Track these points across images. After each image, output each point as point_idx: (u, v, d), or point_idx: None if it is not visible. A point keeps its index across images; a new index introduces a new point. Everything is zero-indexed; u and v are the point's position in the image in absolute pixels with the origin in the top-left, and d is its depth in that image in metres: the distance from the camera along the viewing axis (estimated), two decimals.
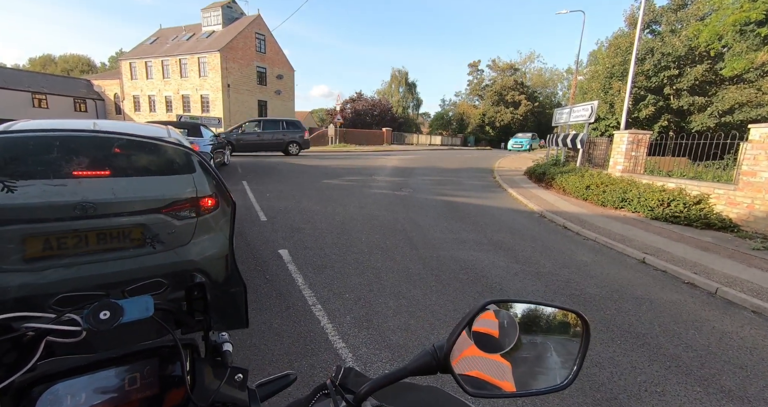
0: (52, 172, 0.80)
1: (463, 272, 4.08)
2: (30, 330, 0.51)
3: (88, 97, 36.15)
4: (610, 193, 8.01)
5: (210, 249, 2.00)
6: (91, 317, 0.51)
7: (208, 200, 2.27)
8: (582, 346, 0.55)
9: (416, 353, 0.52)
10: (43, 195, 0.97)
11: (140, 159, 2.08)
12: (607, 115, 21.77)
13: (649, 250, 5.13)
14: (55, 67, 58.70)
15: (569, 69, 46.63)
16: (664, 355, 2.70)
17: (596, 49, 29.46)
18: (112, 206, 1.91)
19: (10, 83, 31.38)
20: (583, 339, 0.55)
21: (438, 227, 5.90)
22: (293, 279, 3.63)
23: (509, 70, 45.22)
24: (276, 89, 35.17)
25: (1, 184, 0.66)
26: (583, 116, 11.32)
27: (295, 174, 10.86)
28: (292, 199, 7.30)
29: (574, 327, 0.60)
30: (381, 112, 38.88)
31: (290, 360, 2.39)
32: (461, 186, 10.71)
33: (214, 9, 32.84)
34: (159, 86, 33.19)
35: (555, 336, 0.60)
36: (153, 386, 0.54)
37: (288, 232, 5.11)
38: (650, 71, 20.28)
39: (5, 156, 0.67)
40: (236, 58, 30.82)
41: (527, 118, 42.46)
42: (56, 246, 1.63)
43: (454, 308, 3.24)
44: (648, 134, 9.20)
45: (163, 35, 35.96)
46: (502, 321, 0.54)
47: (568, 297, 3.65)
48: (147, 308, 0.55)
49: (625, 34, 22.06)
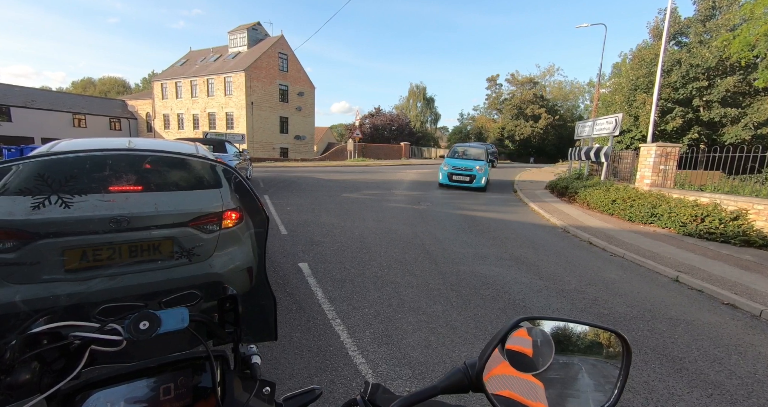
0: (91, 188, 0.85)
1: (484, 288, 3.98)
2: (77, 339, 0.53)
3: (123, 116, 38.43)
4: (638, 207, 7.71)
5: (233, 262, 2.04)
6: (131, 327, 0.53)
7: (232, 214, 2.34)
8: (623, 370, 0.52)
9: (447, 371, 0.51)
10: (82, 209, 1.03)
11: (171, 174, 2.18)
12: (631, 127, 21.22)
13: (683, 268, 4.86)
14: (94, 89, 62.96)
15: (591, 82, 46.03)
16: (704, 382, 2.52)
17: (619, 61, 29.05)
18: (144, 220, 2.00)
19: (55, 105, 33.91)
20: (624, 362, 0.52)
21: (458, 241, 5.82)
22: (313, 293, 3.64)
23: (528, 84, 45.05)
24: (297, 106, 36.30)
25: (60, 200, 0.71)
26: (607, 129, 11.06)
27: (314, 188, 11.04)
28: (312, 212, 7.40)
29: (608, 347, 0.57)
30: (399, 126, 39.32)
31: (310, 375, 2.37)
32: (481, 200, 10.58)
33: (240, 31, 34.62)
34: (187, 105, 34.93)
35: (586, 357, 0.58)
36: (185, 396, 0.55)
37: (308, 246, 5.16)
38: (677, 83, 19.75)
39: (61, 175, 0.72)
40: (260, 77, 32.14)
41: (548, 131, 41.92)
42: (92, 258, 1.71)
43: (476, 325, 3.15)
44: (677, 147, 8.86)
45: (192, 57, 38.08)
46: (536, 339, 0.53)
47: (596, 316, 3.49)
48: (183, 319, 0.56)
49: (649, 46, 21.70)
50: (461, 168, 11.79)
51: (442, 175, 12.08)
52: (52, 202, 0.71)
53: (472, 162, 12.14)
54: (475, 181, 11.55)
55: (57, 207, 0.71)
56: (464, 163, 12.05)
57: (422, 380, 2.39)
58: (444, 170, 12.06)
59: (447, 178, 11.92)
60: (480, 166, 11.65)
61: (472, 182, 11.59)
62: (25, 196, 0.71)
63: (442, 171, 12.10)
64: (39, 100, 33.41)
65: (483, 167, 11.66)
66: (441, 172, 12.15)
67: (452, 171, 11.82)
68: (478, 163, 11.92)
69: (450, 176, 11.87)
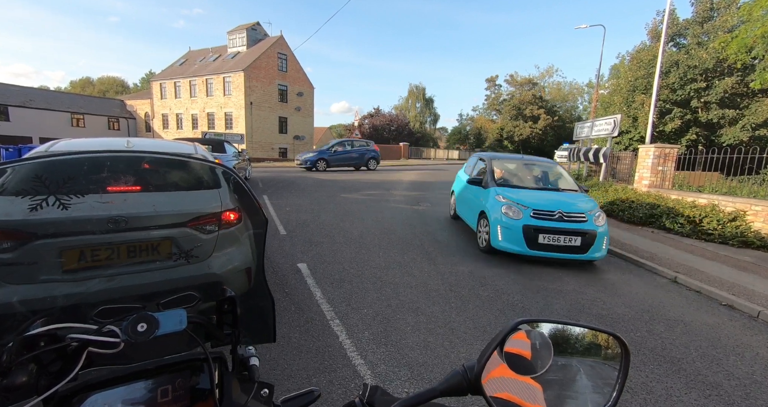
0: (89, 189, 0.84)
1: (483, 289, 3.98)
2: (74, 341, 0.53)
3: (121, 116, 38.35)
4: (636, 208, 7.73)
5: (231, 263, 2.04)
6: (129, 329, 0.52)
7: (230, 214, 2.34)
8: (621, 371, 0.52)
9: (446, 372, 0.51)
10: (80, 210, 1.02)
11: (170, 175, 2.18)
12: (630, 128, 21.28)
13: (681, 269, 4.88)
14: (93, 89, 62.81)
15: (590, 83, 46.13)
16: (702, 383, 2.52)
17: (618, 62, 29.13)
18: (143, 220, 1.99)
19: (53, 105, 33.82)
20: (623, 364, 0.52)
21: (456, 242, 5.82)
22: (312, 294, 3.63)
23: (527, 85, 45.15)
24: (296, 106, 36.28)
25: (58, 202, 0.70)
26: (605, 130, 11.09)
27: (313, 188, 11.04)
28: (311, 212, 7.39)
29: (606, 349, 0.57)
30: (398, 127, 39.34)
31: (308, 376, 2.37)
32: None
33: (239, 31, 34.59)
34: (186, 105, 34.87)
35: (584, 359, 0.58)
36: (183, 398, 0.54)
37: (306, 246, 5.16)
38: (675, 84, 19.82)
39: (59, 176, 0.72)
40: (259, 77, 32.12)
41: (546, 132, 41.99)
42: (91, 258, 1.70)
43: (474, 326, 3.16)
44: (675, 148, 8.90)
45: (191, 57, 38.03)
46: (534, 342, 0.53)
47: (595, 317, 3.49)
48: (181, 321, 0.56)
49: (647, 48, 21.77)
50: (551, 214, 4.91)
51: (497, 223, 5.02)
52: (50, 203, 0.70)
53: (566, 198, 5.39)
54: (593, 249, 4.81)
55: (54, 208, 0.71)
56: (550, 200, 5.23)
57: (421, 381, 2.39)
58: (495, 211, 5.10)
59: (513, 230, 4.87)
60: (592, 208, 5.15)
61: (585, 250, 4.80)
62: (23, 196, 0.71)
63: (493, 214, 5.11)
64: (37, 99, 33.31)
65: (596, 210, 5.13)
66: (492, 216, 5.11)
67: (531, 220, 4.87)
68: (581, 200, 5.33)
69: (515, 229, 4.86)
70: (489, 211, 5.18)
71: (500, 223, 4.92)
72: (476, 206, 5.76)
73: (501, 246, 4.90)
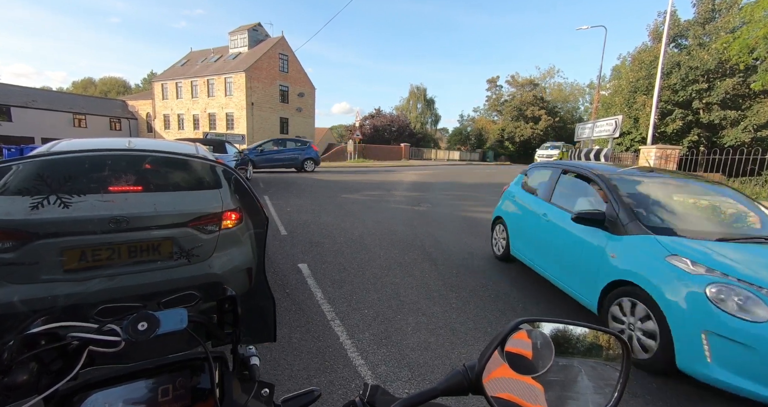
0: (90, 189, 0.85)
1: (483, 289, 3.98)
2: (75, 340, 0.53)
3: (123, 117, 38.45)
4: None
5: (232, 263, 2.04)
6: (130, 328, 0.52)
7: (231, 214, 2.34)
8: (622, 372, 0.52)
9: (446, 372, 0.51)
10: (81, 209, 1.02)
11: (171, 175, 2.18)
12: (631, 129, 21.26)
13: None
14: (95, 89, 63.01)
15: (591, 84, 46.08)
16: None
17: (619, 63, 29.09)
18: (143, 220, 2.00)
19: (55, 105, 33.93)
20: (624, 365, 0.52)
21: (458, 243, 5.82)
22: (312, 294, 3.63)
23: (528, 86, 45.12)
24: (297, 107, 36.33)
25: (59, 200, 0.71)
26: (607, 131, 11.09)
27: (314, 188, 11.05)
28: (312, 213, 7.39)
29: (608, 350, 0.57)
30: (399, 127, 39.34)
31: (309, 376, 2.37)
32: (482, 201, 10.58)
33: (240, 32, 34.67)
34: (188, 105, 34.94)
35: (585, 359, 0.58)
36: (184, 398, 0.54)
37: (307, 246, 5.16)
38: (677, 85, 19.80)
39: (60, 175, 0.72)
40: (260, 78, 32.17)
41: (548, 132, 41.93)
42: (92, 258, 1.71)
43: (475, 326, 3.15)
44: (677, 149, 8.89)
45: (193, 57, 38.12)
46: (536, 341, 0.53)
47: (599, 321, 3.48)
48: (181, 320, 0.56)
49: (649, 49, 21.76)
50: None
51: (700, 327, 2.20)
52: (51, 202, 0.71)
53: None
54: None
55: (56, 207, 0.71)
56: None
57: (422, 381, 2.38)
58: (685, 296, 2.31)
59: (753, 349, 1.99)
60: None
61: None
62: (24, 195, 0.71)
63: (681, 301, 2.32)
64: (39, 99, 33.41)
65: None
66: (678, 307, 2.33)
67: None
68: None
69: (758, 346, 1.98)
70: (660, 292, 2.46)
71: (711, 329, 2.18)
72: (595, 266, 3.10)
73: (717, 379, 2.14)
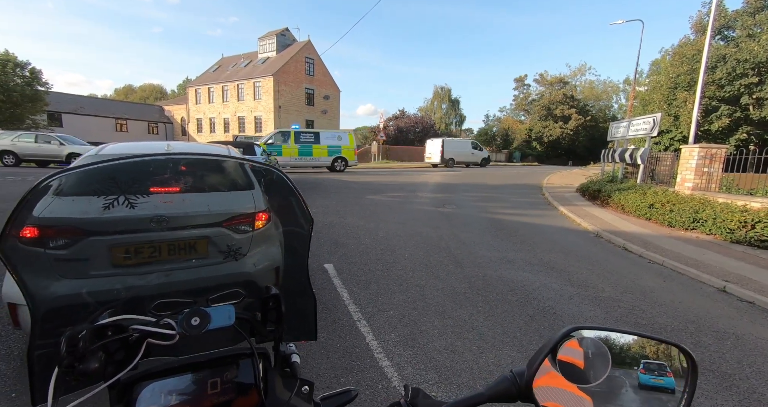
0: (137, 190, 0.90)
1: (512, 293, 3.87)
2: (136, 332, 0.56)
3: (160, 121, 40.64)
4: (679, 212, 7.26)
5: (263, 262, 2.09)
6: (184, 323, 0.55)
7: (263, 215, 2.41)
8: (687, 388, 0.48)
9: (494, 378, 0.49)
10: (128, 210, 1.09)
11: (208, 176, 2.28)
12: (670, 127, 20.06)
13: (731, 277, 4.52)
14: (135, 96, 66.88)
15: (627, 80, 43.98)
16: (759, 401, 2.32)
17: (658, 57, 27.57)
18: (181, 219, 2.09)
19: (99, 111, 36.51)
20: (689, 380, 0.49)
21: (483, 245, 5.70)
22: (339, 294, 3.67)
23: (558, 84, 43.64)
24: (323, 109, 36.96)
25: (127, 201, 0.76)
26: (644, 129, 10.52)
27: (339, 190, 11.17)
28: (337, 214, 7.48)
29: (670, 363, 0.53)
30: (423, 128, 39.13)
31: (336, 376, 2.39)
32: (508, 203, 10.33)
33: (269, 37, 35.72)
34: (219, 109, 36.38)
35: (630, 371, 0.54)
36: (230, 391, 0.56)
37: (333, 247, 5.22)
38: (723, 80, 18.50)
39: (126, 177, 0.78)
40: (287, 81, 32.99)
41: (578, 132, 40.38)
42: (134, 255, 1.81)
43: (503, 331, 3.07)
44: (723, 148, 8.29)
45: (224, 63, 39.66)
46: (587, 350, 0.50)
47: (634, 326, 3.30)
48: (229, 316, 0.58)
49: (691, 42, 20.46)
50: None
51: None
52: (120, 203, 0.76)
53: None
54: None
55: (123, 207, 0.76)
56: None
57: (449, 385, 2.35)
58: None
59: None
60: None
61: None
62: (99, 196, 0.76)
63: None
64: (86, 106, 35.96)
65: None
66: None
67: None
68: None
69: None
70: None
71: None
72: None
73: None
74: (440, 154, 24.73)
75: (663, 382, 0.52)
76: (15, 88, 22.57)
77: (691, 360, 0.49)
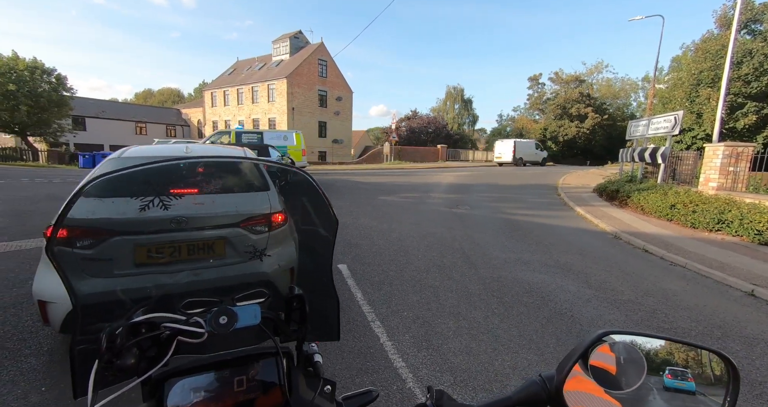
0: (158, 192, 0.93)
1: (527, 295, 3.81)
2: (167, 330, 0.58)
3: (177, 124, 41.73)
4: (702, 213, 7.01)
5: (278, 262, 2.12)
6: (213, 321, 0.57)
7: (278, 215, 2.44)
8: (728, 397, 0.46)
9: (522, 382, 0.48)
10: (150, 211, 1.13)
11: (225, 178, 2.32)
12: (693, 125, 19.40)
13: (760, 281, 4.34)
14: (153, 99, 68.76)
15: (646, 77, 42.76)
16: None
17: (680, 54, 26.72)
18: (199, 220, 2.14)
19: (120, 115, 37.76)
20: (730, 389, 0.47)
21: (498, 246, 5.63)
22: (353, 295, 3.68)
23: (574, 82, 42.72)
24: (335, 110, 37.20)
25: (161, 203, 0.78)
26: (665, 128, 10.20)
27: (352, 191, 11.22)
28: (350, 215, 7.51)
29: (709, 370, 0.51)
30: (436, 129, 38.94)
31: (351, 376, 2.39)
32: (522, 203, 10.18)
33: (282, 40, 36.20)
34: (234, 112, 37.06)
35: (656, 376, 0.52)
36: (256, 389, 0.57)
37: (346, 247, 5.24)
38: (749, 76, 17.79)
39: (160, 179, 0.81)
40: (301, 84, 33.35)
41: (595, 131, 39.42)
42: (156, 254, 1.86)
43: (519, 333, 3.02)
44: (750, 146, 7.97)
45: (239, 66, 40.39)
46: (619, 355, 0.48)
47: (656, 330, 3.20)
48: (255, 316, 0.60)
49: (715, 37, 19.75)
50: None
51: None
52: (155, 204, 0.78)
53: None
54: None
55: (158, 209, 0.79)
56: None
57: (464, 387, 2.32)
58: None
59: None
60: None
61: None
62: (135, 198, 0.79)
63: None
64: (108, 110, 37.23)
65: None
66: None
67: None
68: None
69: None
70: None
71: None
72: None
73: None
74: (512, 153, 27.54)
75: (685, 386, 0.51)
76: (42, 93, 23.52)
77: (732, 368, 0.47)
